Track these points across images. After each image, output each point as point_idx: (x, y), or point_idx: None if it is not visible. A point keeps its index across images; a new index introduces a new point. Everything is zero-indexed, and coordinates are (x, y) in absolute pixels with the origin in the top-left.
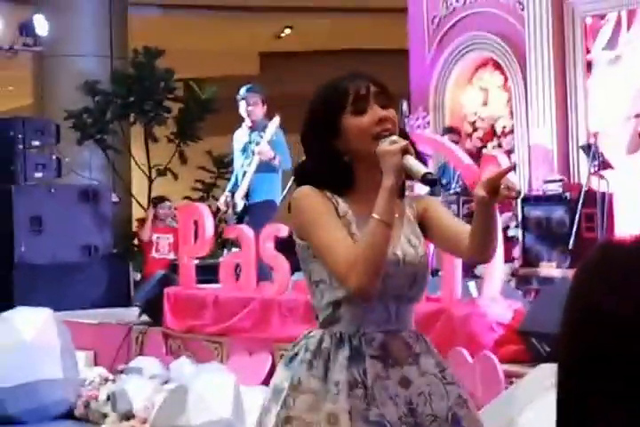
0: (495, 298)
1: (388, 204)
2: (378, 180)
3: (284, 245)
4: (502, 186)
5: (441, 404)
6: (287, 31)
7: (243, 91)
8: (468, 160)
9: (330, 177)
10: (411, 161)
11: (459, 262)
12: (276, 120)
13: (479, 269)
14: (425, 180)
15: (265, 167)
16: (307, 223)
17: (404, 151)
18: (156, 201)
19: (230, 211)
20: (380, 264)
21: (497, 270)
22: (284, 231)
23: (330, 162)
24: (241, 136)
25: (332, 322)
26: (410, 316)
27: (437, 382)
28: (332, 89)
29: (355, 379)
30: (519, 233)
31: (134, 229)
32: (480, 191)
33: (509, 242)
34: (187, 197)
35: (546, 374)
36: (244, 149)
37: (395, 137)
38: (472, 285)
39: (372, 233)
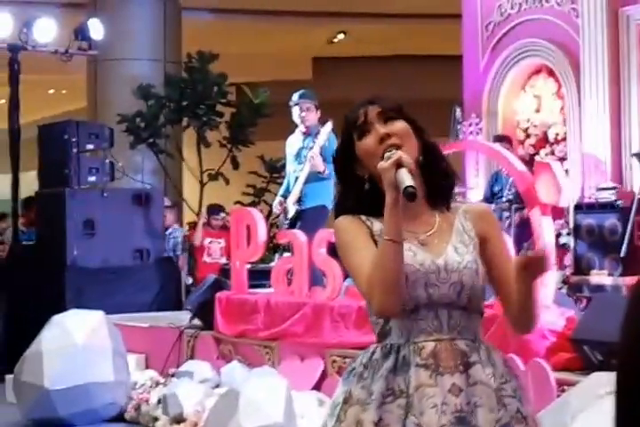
0: (548, 306)
1: (393, 221)
2: (417, 206)
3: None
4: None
5: (488, 416)
6: (340, 36)
7: (296, 97)
8: (521, 167)
9: (357, 202)
10: (402, 175)
11: None
12: (329, 125)
13: None
14: (405, 193)
15: (316, 175)
16: (339, 248)
17: (399, 165)
18: (211, 209)
19: (282, 216)
20: (394, 282)
21: (550, 278)
22: None
23: (355, 188)
24: (294, 141)
25: (385, 335)
26: (471, 324)
27: (490, 393)
28: (346, 119)
29: (393, 389)
30: (571, 241)
31: (185, 233)
32: (517, 266)
33: (561, 250)
34: (238, 202)
35: (599, 383)
36: (298, 155)
37: (396, 151)
38: None
39: (381, 253)
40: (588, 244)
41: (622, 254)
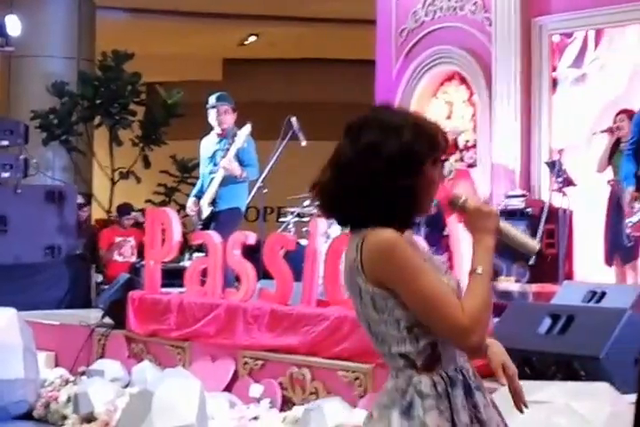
0: None
1: (492, 262)
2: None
3: (251, 253)
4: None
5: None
6: (252, 38)
7: (213, 99)
8: None
9: (406, 215)
10: (510, 227)
11: None
12: (248, 128)
13: None
14: (536, 254)
15: (231, 179)
16: (403, 272)
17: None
18: (121, 210)
19: (196, 217)
20: (490, 317)
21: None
22: (251, 239)
23: (409, 198)
24: (210, 143)
25: (433, 363)
26: None
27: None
28: (426, 129)
29: (470, 416)
30: None
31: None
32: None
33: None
34: (149, 201)
35: None
36: (213, 156)
37: (477, 196)
38: None
39: (486, 288)
40: (496, 250)
41: (531, 262)
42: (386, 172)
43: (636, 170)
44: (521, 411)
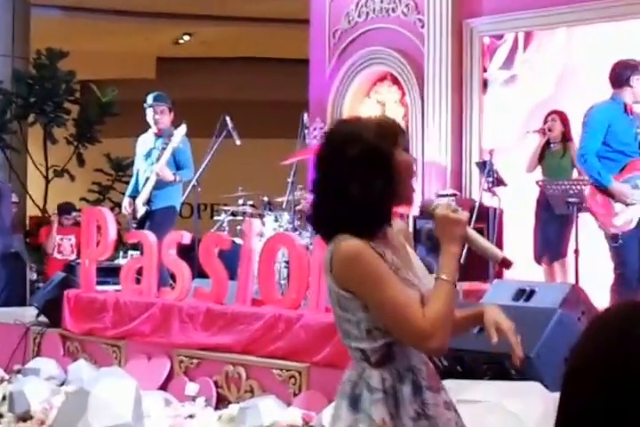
0: None
1: (456, 269)
2: (389, 219)
3: (186, 252)
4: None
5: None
6: (186, 38)
7: (150, 99)
8: None
9: (371, 220)
10: (476, 235)
11: None
12: (183, 128)
13: None
14: (503, 263)
15: (165, 182)
16: (365, 280)
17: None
18: (62, 209)
19: (130, 216)
20: (451, 322)
21: None
22: (186, 238)
23: (373, 203)
24: (146, 141)
25: (388, 361)
26: None
27: (454, 404)
28: (389, 125)
29: (417, 411)
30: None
31: (28, 227)
32: (492, 334)
33: None
34: (83, 199)
35: (451, 391)
36: (148, 155)
37: (451, 204)
38: None
39: (448, 295)
40: (427, 248)
41: (461, 260)
42: (359, 173)
43: None
44: (517, 365)
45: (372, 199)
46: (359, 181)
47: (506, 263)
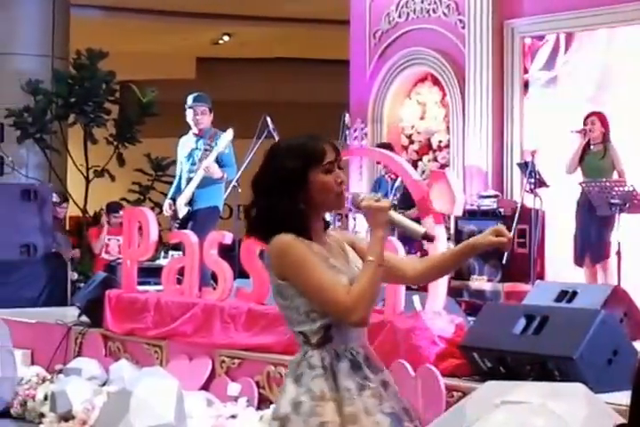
0: (438, 312)
1: (382, 249)
2: (322, 228)
3: (227, 252)
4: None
5: (399, 403)
6: (225, 38)
7: (190, 100)
8: (416, 176)
9: (296, 222)
10: (400, 217)
11: None
12: (230, 133)
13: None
14: (425, 237)
15: (210, 180)
16: (295, 266)
17: (390, 208)
18: (110, 208)
19: (172, 218)
20: (378, 298)
21: (441, 285)
22: (228, 238)
23: (294, 209)
24: (187, 142)
25: (326, 342)
26: (365, 331)
27: (392, 387)
28: (308, 147)
29: (360, 384)
30: (451, 246)
31: (68, 227)
32: (486, 239)
33: None
34: (123, 199)
35: (494, 392)
36: (190, 155)
37: (376, 194)
38: (416, 298)
39: (373, 273)
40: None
41: (504, 262)
42: (275, 184)
43: None
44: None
45: (283, 211)
46: (274, 195)
47: (428, 238)
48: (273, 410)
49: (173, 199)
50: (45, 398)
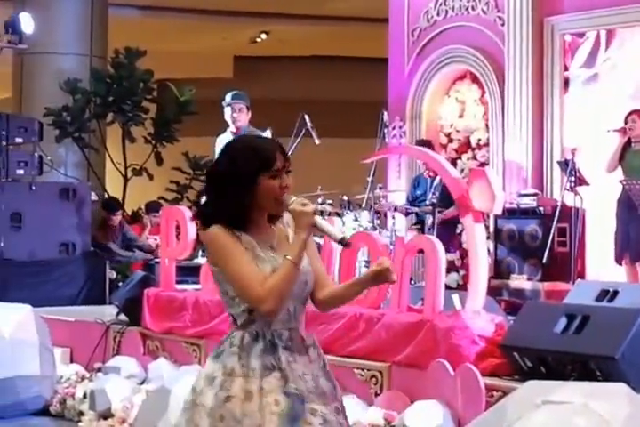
0: (478, 311)
1: (301, 251)
2: (264, 221)
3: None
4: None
5: (325, 384)
6: (263, 36)
7: (228, 97)
8: (455, 173)
9: (235, 216)
10: (323, 222)
11: (442, 274)
12: (268, 133)
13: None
14: (344, 244)
15: None
16: (219, 255)
17: (315, 212)
18: (150, 207)
19: None
20: (290, 292)
21: (481, 284)
22: None
23: (237, 206)
24: (225, 141)
25: (249, 324)
26: (303, 316)
27: (320, 368)
28: (261, 154)
29: (270, 364)
30: (490, 245)
31: None
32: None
33: None
34: (161, 198)
35: (535, 391)
36: None
37: (303, 199)
38: (456, 297)
39: (288, 271)
40: (508, 248)
41: (544, 261)
42: (225, 182)
43: None
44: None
45: (226, 206)
46: (221, 191)
47: (343, 243)
48: (192, 384)
49: None
50: (84, 397)
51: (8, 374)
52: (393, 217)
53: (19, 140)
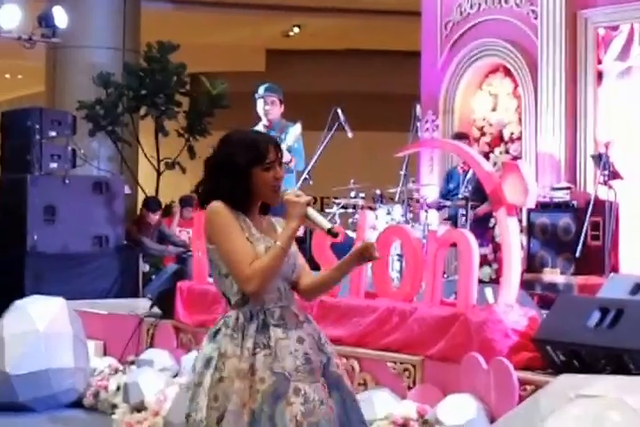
0: (511, 305)
1: (291, 239)
2: (256, 211)
3: (298, 244)
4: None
5: (318, 357)
6: (295, 30)
7: (261, 90)
8: (489, 167)
9: (239, 197)
10: (314, 213)
11: (475, 267)
12: (298, 128)
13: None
14: (332, 234)
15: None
16: (216, 230)
17: (308, 204)
18: (184, 200)
19: None
20: (274, 276)
21: (514, 278)
22: (299, 230)
23: (242, 189)
24: None
25: (242, 303)
26: (293, 294)
27: (315, 342)
28: (255, 147)
29: (261, 343)
30: (523, 239)
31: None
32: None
33: None
34: (194, 191)
35: (568, 385)
36: None
37: (298, 191)
38: (489, 291)
39: (275, 255)
40: (541, 242)
41: (577, 254)
42: (221, 172)
43: None
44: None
45: (223, 189)
46: (219, 177)
47: (332, 233)
48: (192, 364)
49: None
50: (118, 389)
51: (42, 367)
52: (426, 211)
53: (52, 133)
